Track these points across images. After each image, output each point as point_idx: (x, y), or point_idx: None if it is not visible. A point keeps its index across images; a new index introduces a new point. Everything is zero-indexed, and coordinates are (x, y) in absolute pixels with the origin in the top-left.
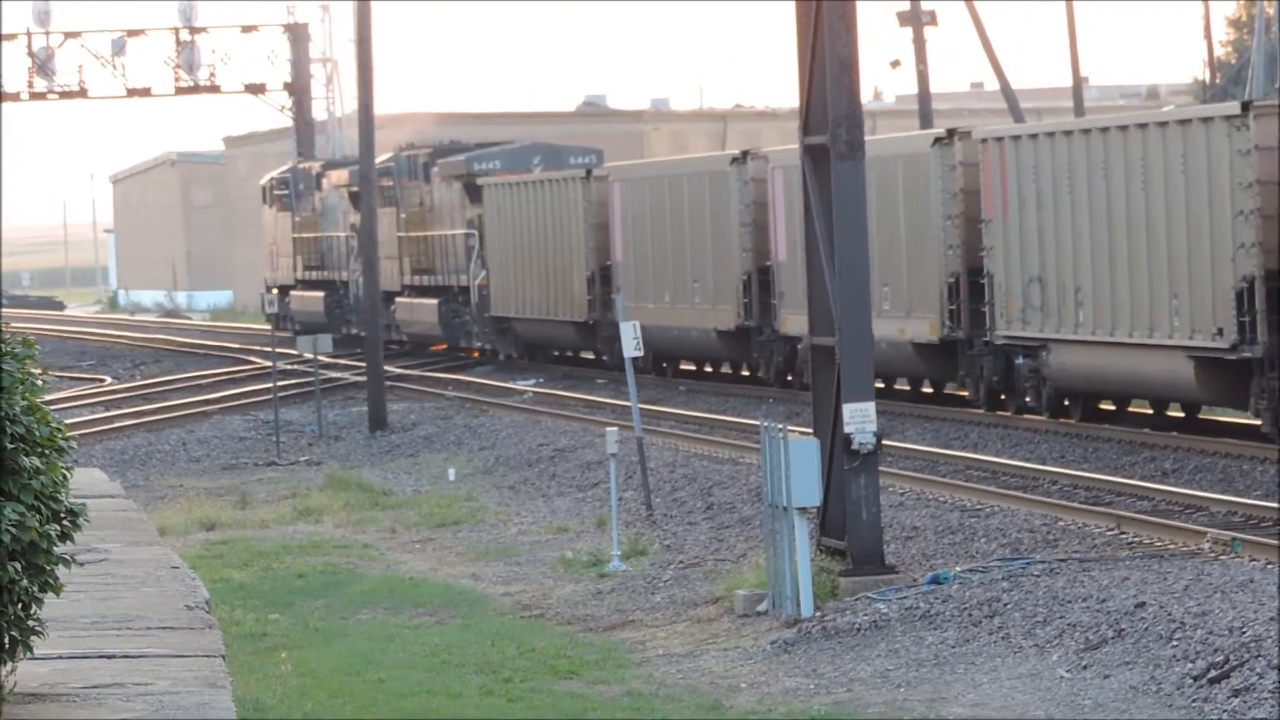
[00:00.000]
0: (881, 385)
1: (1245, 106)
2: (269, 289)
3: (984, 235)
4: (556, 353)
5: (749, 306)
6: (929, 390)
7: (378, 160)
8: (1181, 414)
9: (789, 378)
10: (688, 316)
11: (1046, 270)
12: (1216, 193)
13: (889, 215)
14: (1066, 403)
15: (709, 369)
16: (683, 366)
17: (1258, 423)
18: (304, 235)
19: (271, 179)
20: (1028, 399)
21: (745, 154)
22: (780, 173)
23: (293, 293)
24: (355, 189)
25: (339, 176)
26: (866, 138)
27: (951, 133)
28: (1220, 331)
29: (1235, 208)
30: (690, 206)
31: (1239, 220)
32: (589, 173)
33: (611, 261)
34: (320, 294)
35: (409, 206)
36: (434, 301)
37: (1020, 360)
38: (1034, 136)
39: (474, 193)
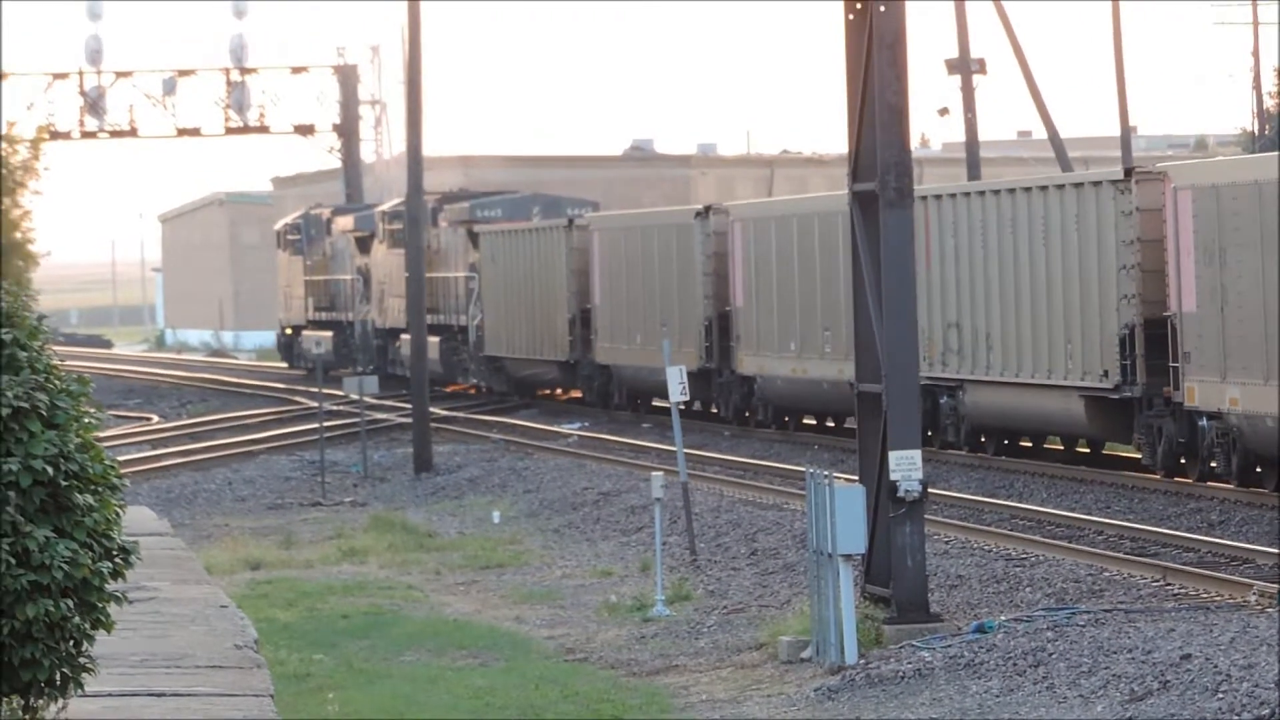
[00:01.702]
0: (832, 424)
1: (1129, 172)
2: (283, 329)
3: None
4: (544, 391)
5: (710, 349)
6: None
7: (389, 205)
8: (1087, 450)
9: (745, 414)
10: (656, 357)
11: (962, 316)
12: (1104, 249)
13: (829, 266)
14: (983, 439)
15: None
16: (654, 404)
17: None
18: (314, 278)
19: (285, 224)
20: (949, 436)
21: (708, 208)
22: (739, 225)
23: (304, 332)
24: (361, 234)
25: (346, 222)
26: (810, 195)
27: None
28: (1106, 373)
29: (1119, 262)
30: (659, 256)
31: (1122, 274)
32: (571, 222)
33: (591, 305)
34: (329, 333)
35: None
36: (436, 339)
37: (944, 399)
38: (953, 196)
39: (475, 238)
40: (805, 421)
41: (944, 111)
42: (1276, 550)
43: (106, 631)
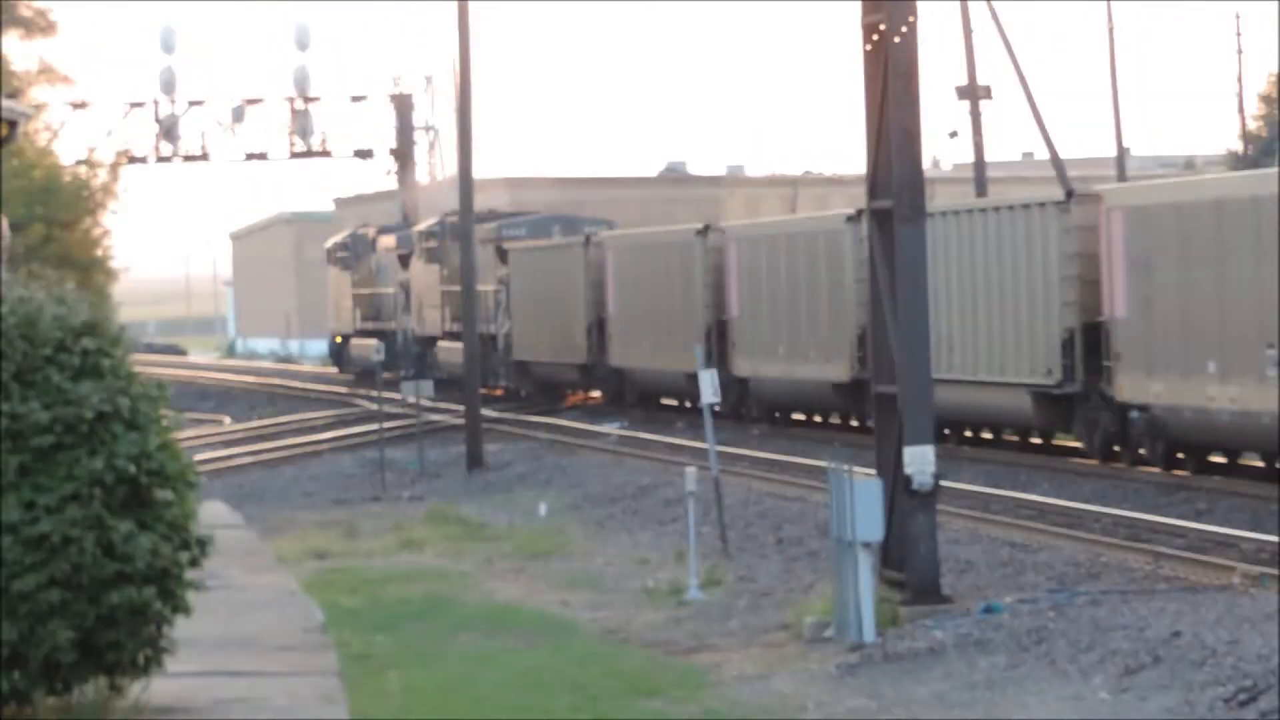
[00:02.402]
0: (803, 417)
1: (1069, 195)
2: (333, 337)
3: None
4: (569, 391)
5: (710, 353)
6: (838, 421)
7: (425, 225)
8: (1040, 441)
9: (740, 411)
10: (664, 360)
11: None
12: (1048, 262)
13: (810, 279)
14: (947, 431)
15: (683, 404)
16: (664, 401)
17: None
18: (361, 291)
19: (334, 243)
20: None
21: (707, 228)
22: (733, 244)
23: (352, 340)
24: (403, 252)
25: (389, 241)
26: (798, 215)
27: (860, 212)
28: (1050, 372)
29: (1061, 273)
30: (665, 270)
31: (1064, 284)
32: (588, 239)
33: (605, 314)
34: (376, 341)
35: (450, 266)
36: None
37: None
38: None
39: (503, 255)
40: (794, 417)
41: (954, 135)
42: (1259, 536)
43: (185, 616)
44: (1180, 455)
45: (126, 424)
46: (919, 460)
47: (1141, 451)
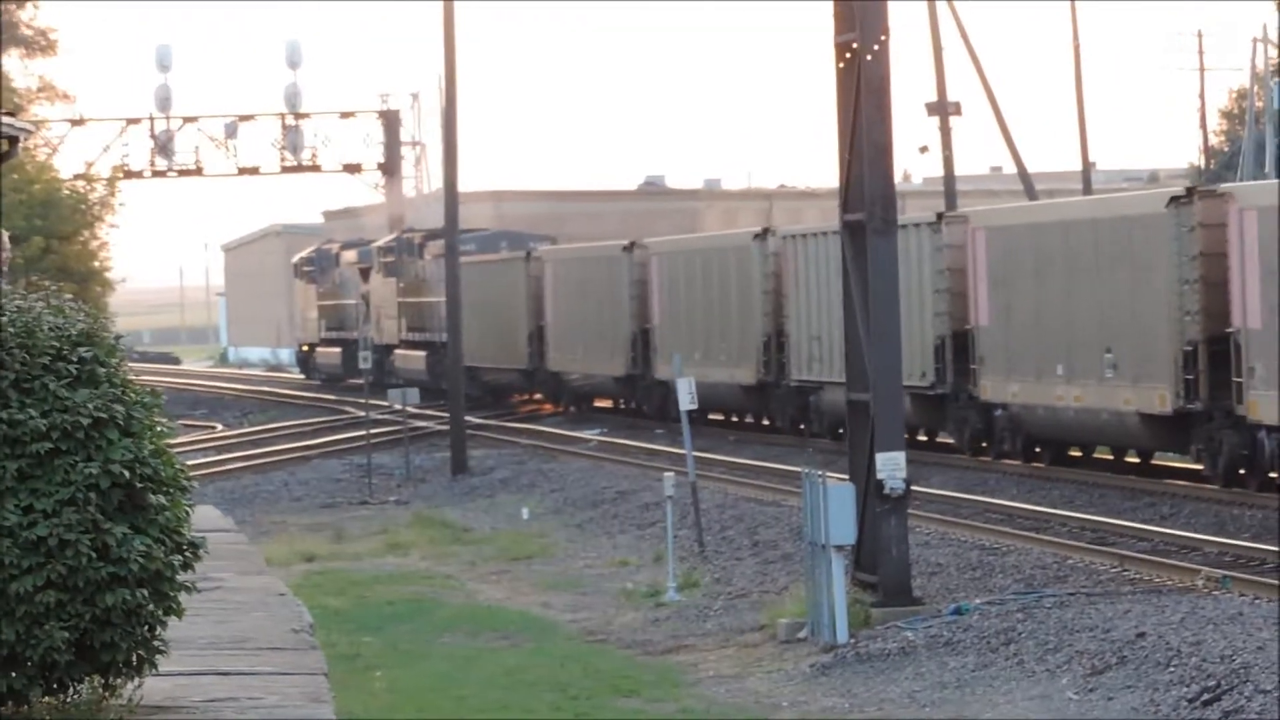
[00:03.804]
0: (721, 417)
1: (940, 216)
2: (300, 346)
3: (784, 306)
4: (513, 395)
5: (635, 358)
6: (751, 420)
7: (383, 241)
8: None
9: (664, 413)
10: (595, 365)
11: (822, 330)
12: (923, 277)
13: (722, 291)
14: (840, 430)
15: (611, 405)
16: (596, 404)
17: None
18: (325, 303)
19: (300, 258)
20: (815, 428)
21: (633, 244)
22: (655, 258)
23: (317, 349)
24: (363, 266)
25: (350, 255)
26: (712, 233)
27: (766, 230)
28: (925, 375)
29: (934, 286)
30: (596, 281)
31: (936, 296)
32: (529, 254)
33: (544, 323)
34: (338, 349)
35: (406, 278)
36: (423, 353)
37: (812, 398)
38: (814, 235)
39: None
40: (711, 417)
41: (924, 149)
42: (1222, 540)
43: (178, 618)
44: (1038, 449)
45: (122, 430)
46: (890, 465)
47: (1005, 447)
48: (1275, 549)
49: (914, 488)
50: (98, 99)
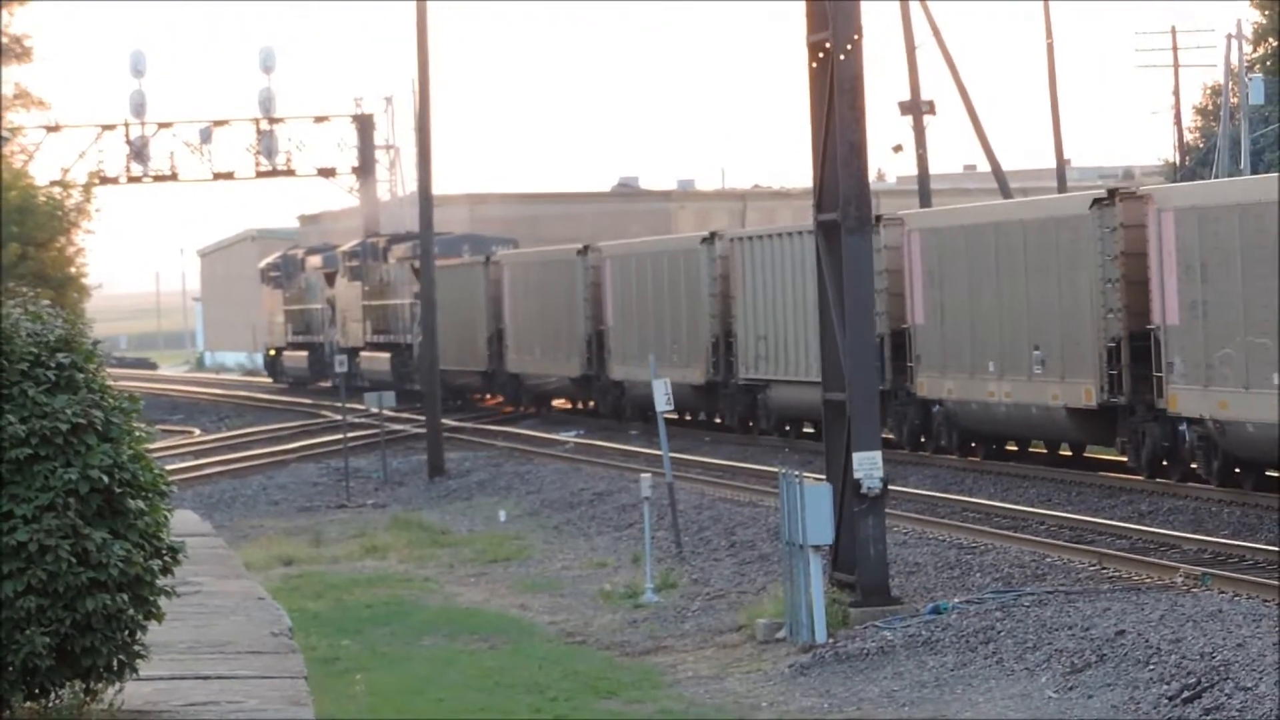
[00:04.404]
0: (679, 417)
1: (878, 219)
2: (268, 350)
3: (732, 308)
4: (474, 396)
5: (590, 359)
6: (704, 418)
7: (347, 246)
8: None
9: (618, 411)
10: (552, 366)
11: (768, 330)
12: None
13: (672, 293)
14: (787, 427)
15: (575, 405)
16: (555, 404)
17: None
18: (292, 307)
19: (267, 263)
20: (763, 424)
21: (586, 247)
22: (609, 261)
23: (285, 352)
24: (329, 271)
25: (316, 261)
26: (663, 237)
27: (713, 235)
28: None
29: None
30: (552, 284)
31: (875, 296)
32: (488, 259)
33: (503, 325)
34: (305, 353)
35: (371, 282)
36: (388, 355)
37: (760, 396)
38: (760, 238)
39: (417, 272)
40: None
41: (898, 148)
42: (1200, 537)
43: (158, 622)
44: (974, 444)
45: (100, 436)
46: (867, 465)
47: (942, 442)
48: (1254, 546)
49: (891, 487)
50: (73, 105)
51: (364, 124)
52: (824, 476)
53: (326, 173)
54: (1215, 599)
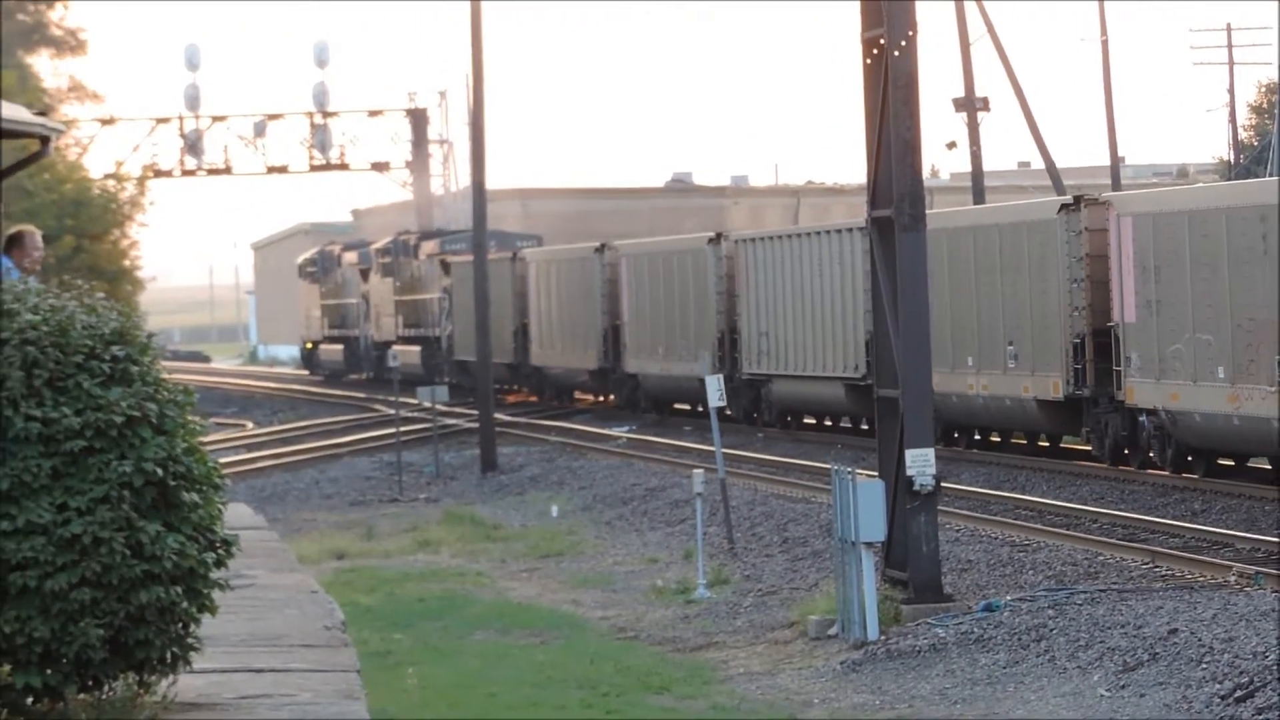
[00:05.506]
0: (687, 407)
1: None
2: (304, 343)
3: (736, 305)
4: (500, 387)
5: (606, 352)
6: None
7: (381, 243)
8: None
9: (633, 403)
10: (572, 359)
11: (769, 327)
12: (857, 277)
13: (681, 290)
14: (789, 419)
15: (597, 399)
16: (577, 396)
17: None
18: (328, 302)
19: (305, 259)
20: (766, 417)
21: (604, 245)
22: (625, 259)
23: (321, 346)
24: (363, 267)
25: (351, 257)
26: (673, 236)
27: (719, 235)
28: (856, 367)
29: (864, 285)
30: (571, 281)
31: (866, 294)
32: (514, 255)
33: (528, 320)
34: (340, 347)
35: (402, 277)
36: (418, 348)
37: (763, 390)
38: (763, 239)
39: (446, 268)
40: (677, 407)
41: (952, 145)
42: (1254, 536)
43: (211, 615)
44: (956, 435)
45: (154, 428)
46: (920, 462)
47: None
48: None
49: (943, 484)
50: (127, 98)
51: (417, 118)
52: (876, 473)
53: (380, 167)
54: (1268, 598)
